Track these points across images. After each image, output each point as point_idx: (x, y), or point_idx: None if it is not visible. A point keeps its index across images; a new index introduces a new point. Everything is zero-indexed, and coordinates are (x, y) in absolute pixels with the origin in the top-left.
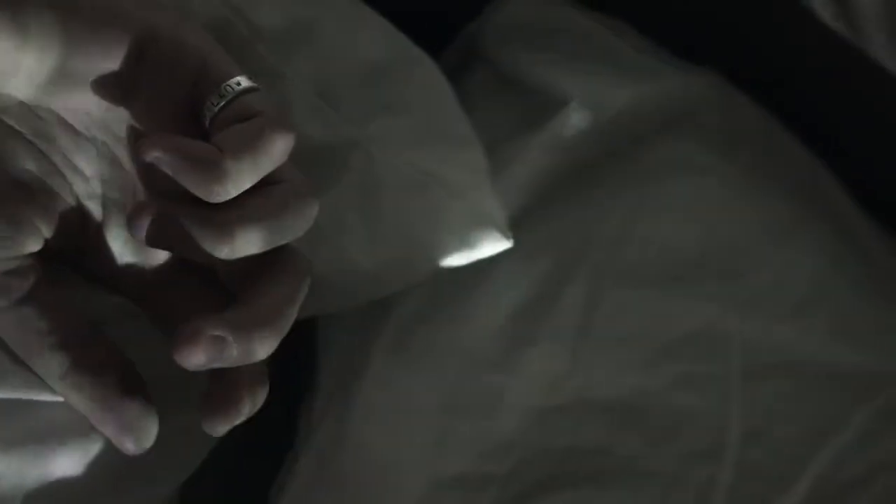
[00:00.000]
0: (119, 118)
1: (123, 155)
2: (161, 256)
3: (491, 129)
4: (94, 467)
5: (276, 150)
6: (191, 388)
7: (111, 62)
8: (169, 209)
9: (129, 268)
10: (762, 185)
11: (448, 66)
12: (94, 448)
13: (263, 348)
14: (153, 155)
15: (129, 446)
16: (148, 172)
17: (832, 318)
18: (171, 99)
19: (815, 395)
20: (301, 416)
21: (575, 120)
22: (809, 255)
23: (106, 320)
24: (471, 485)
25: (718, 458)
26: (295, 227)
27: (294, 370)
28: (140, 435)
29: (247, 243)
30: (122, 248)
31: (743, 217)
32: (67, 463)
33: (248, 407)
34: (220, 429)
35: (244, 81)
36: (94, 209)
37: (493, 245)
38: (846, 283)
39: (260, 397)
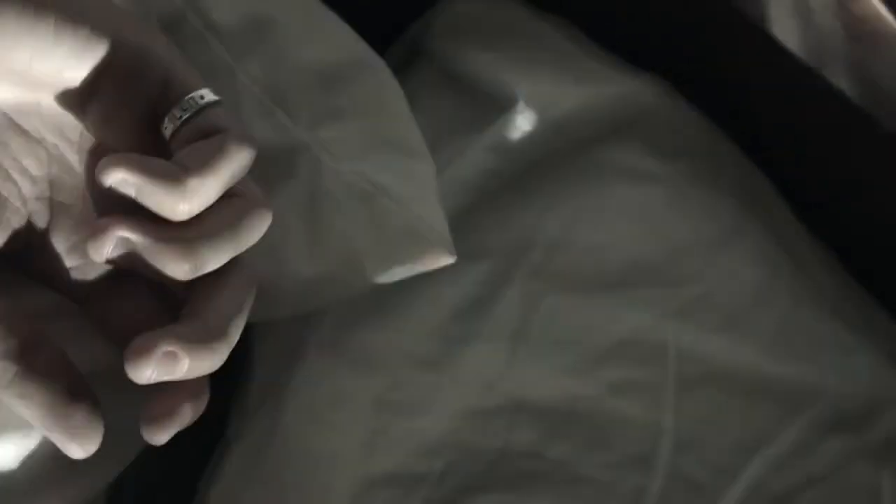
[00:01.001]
0: (74, 122)
1: (75, 159)
2: None
3: (435, 127)
4: (31, 461)
5: (239, 167)
6: (128, 385)
7: (74, 69)
8: (129, 231)
9: (73, 270)
10: (703, 194)
11: (392, 62)
12: (31, 443)
13: (213, 361)
14: (116, 177)
15: (76, 452)
16: (92, 188)
17: (767, 329)
18: (132, 107)
19: (749, 406)
20: (234, 407)
21: (521, 121)
22: (747, 265)
23: (46, 317)
24: (402, 483)
25: (650, 466)
26: (251, 240)
27: (228, 360)
28: (86, 441)
29: (209, 262)
30: (67, 251)
31: (683, 224)
32: (4, 456)
33: (189, 416)
34: (161, 437)
35: (208, 95)
36: (41, 211)
37: (436, 260)
38: (782, 295)
39: (201, 406)
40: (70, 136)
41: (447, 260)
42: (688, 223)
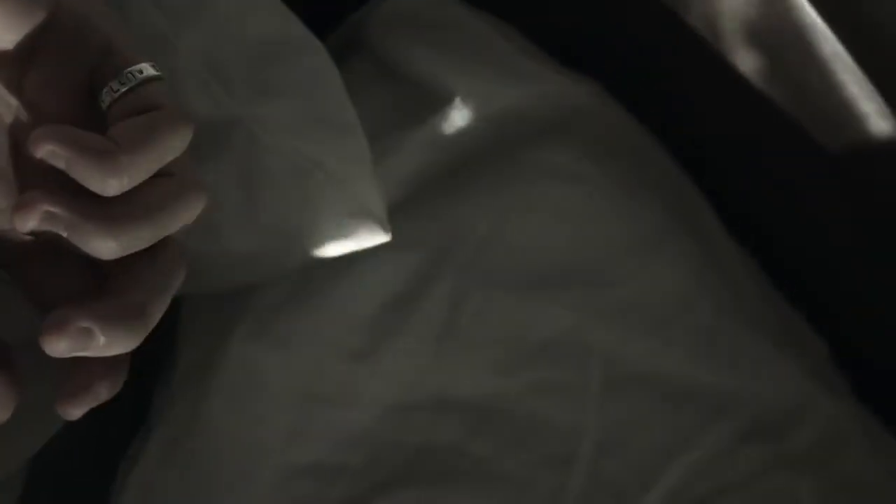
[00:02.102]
0: (9, 88)
1: (7, 125)
2: None
3: (370, 119)
4: None
5: (174, 147)
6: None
7: (11, 33)
8: (55, 206)
9: (4, 233)
10: (633, 198)
11: (329, 52)
12: None
13: (130, 340)
14: (46, 149)
15: None
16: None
17: (692, 335)
18: (70, 77)
19: (671, 411)
20: (157, 390)
21: (456, 117)
22: (674, 271)
23: None
24: (324, 474)
25: (570, 466)
26: (182, 222)
27: (152, 340)
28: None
29: (134, 240)
30: None
31: (612, 228)
32: None
33: (105, 393)
34: (75, 413)
35: (148, 69)
36: None
37: (371, 237)
38: (706, 303)
39: (117, 384)
40: (5, 100)
41: (382, 238)
42: (616, 226)
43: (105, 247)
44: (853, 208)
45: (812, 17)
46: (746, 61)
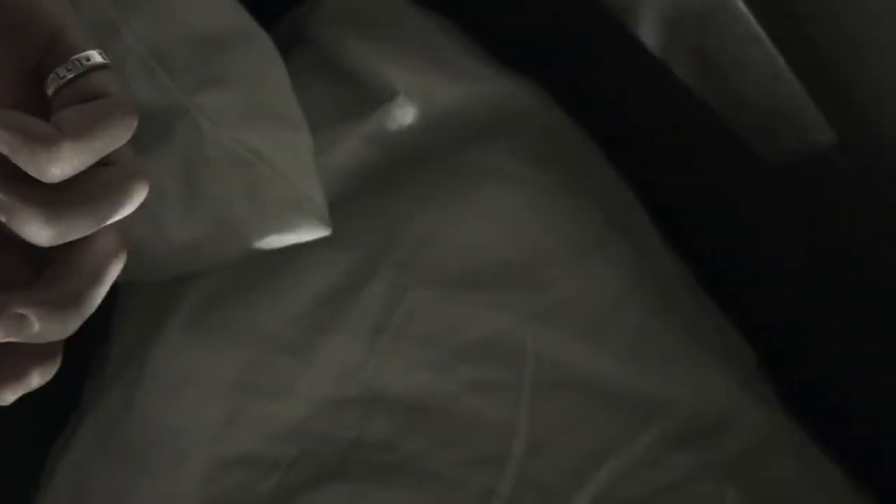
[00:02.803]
0: None
1: None
2: None
3: (313, 113)
4: None
5: (119, 135)
6: None
7: None
8: None
9: None
10: (570, 201)
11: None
12: None
13: (66, 328)
14: None
15: None
16: None
17: (624, 340)
18: (15, 61)
19: (602, 414)
20: (90, 376)
21: (399, 115)
22: (609, 275)
23: None
24: (255, 467)
25: (501, 466)
26: (123, 211)
27: (86, 326)
28: None
29: (73, 228)
30: None
31: (548, 230)
32: None
33: (37, 380)
34: (6, 398)
35: (95, 57)
36: None
37: (310, 231)
38: (639, 308)
39: (50, 371)
40: None
41: (322, 232)
42: (552, 229)
43: (42, 233)
44: (787, 219)
45: (753, 27)
46: (686, 69)
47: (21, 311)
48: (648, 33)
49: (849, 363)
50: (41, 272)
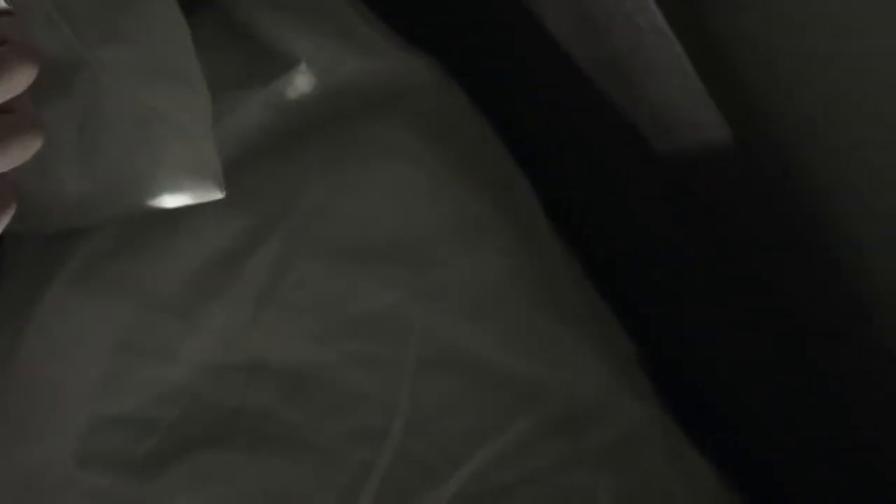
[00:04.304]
0: None
1: None
2: None
3: (214, 75)
4: None
5: (18, 83)
6: None
7: None
8: None
9: None
10: (462, 181)
11: (179, 5)
12: None
13: None
14: None
15: None
16: None
17: (507, 323)
18: None
19: (482, 395)
20: None
21: (300, 82)
22: (494, 258)
23: None
24: (133, 427)
25: (379, 442)
26: (15, 160)
27: None
28: None
29: None
30: None
31: (440, 208)
32: None
33: None
34: None
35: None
36: None
37: (204, 193)
38: (524, 293)
39: None
40: None
41: (216, 195)
42: (444, 207)
43: None
44: (675, 214)
45: (659, 19)
46: (589, 57)
47: None
48: (553, 18)
49: (728, 361)
50: None
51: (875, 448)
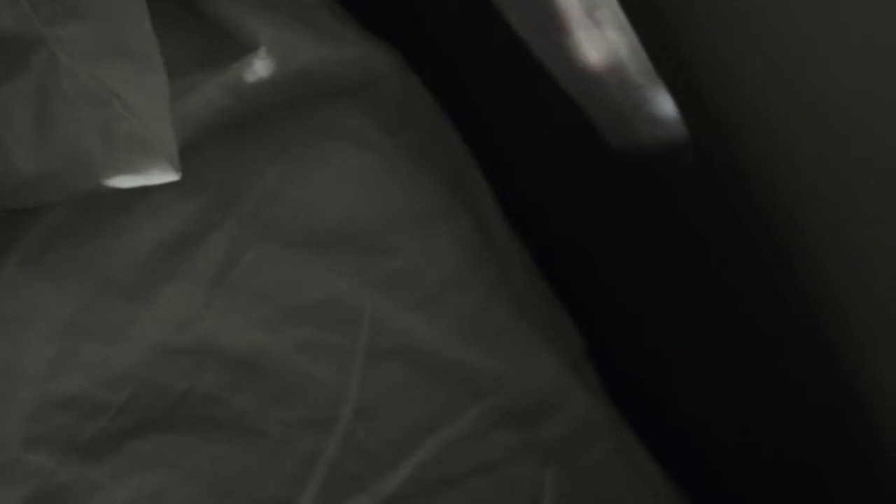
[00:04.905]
0: None
1: None
2: None
3: (172, 56)
4: None
5: None
6: None
7: None
8: None
9: None
10: (418, 171)
11: None
12: None
13: None
14: None
15: None
16: None
17: (460, 313)
18: None
19: (433, 385)
20: None
21: (259, 67)
22: (450, 248)
23: None
24: (81, 409)
25: (328, 430)
26: None
27: None
28: None
29: None
30: None
31: (395, 197)
32: None
33: None
34: None
35: None
36: None
37: (160, 174)
38: (479, 283)
39: None
40: None
41: (172, 176)
42: (399, 196)
43: None
44: (630, 212)
45: (618, 13)
46: (546, 51)
47: None
48: (516, 13)
49: (678, 360)
50: None
51: (821, 453)
